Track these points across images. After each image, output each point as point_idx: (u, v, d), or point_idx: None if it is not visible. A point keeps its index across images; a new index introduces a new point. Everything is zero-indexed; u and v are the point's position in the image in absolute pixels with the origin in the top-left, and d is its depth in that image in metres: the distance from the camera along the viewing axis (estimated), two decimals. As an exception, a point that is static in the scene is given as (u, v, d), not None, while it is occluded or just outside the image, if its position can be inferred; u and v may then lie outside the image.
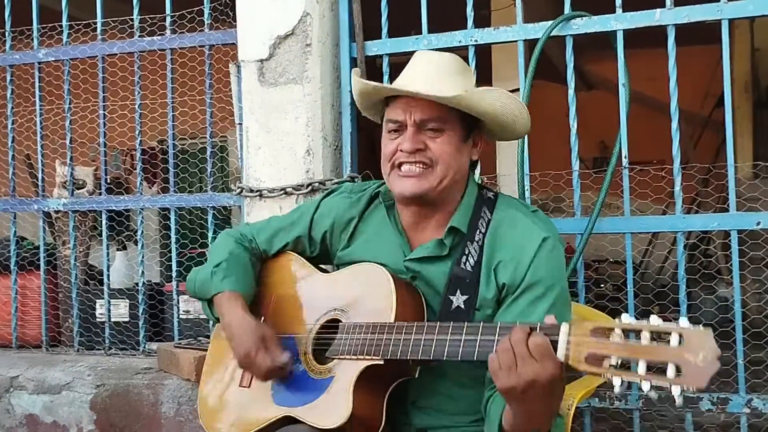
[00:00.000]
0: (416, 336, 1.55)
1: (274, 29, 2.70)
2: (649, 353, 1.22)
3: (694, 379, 1.17)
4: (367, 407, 1.60)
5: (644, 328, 1.24)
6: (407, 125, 1.68)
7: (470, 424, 1.70)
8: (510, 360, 1.35)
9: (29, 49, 3.30)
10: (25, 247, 3.42)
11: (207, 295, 1.85)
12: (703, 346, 1.18)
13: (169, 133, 3.09)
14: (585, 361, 1.28)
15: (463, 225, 1.71)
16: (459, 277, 1.67)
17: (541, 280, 1.62)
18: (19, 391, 2.94)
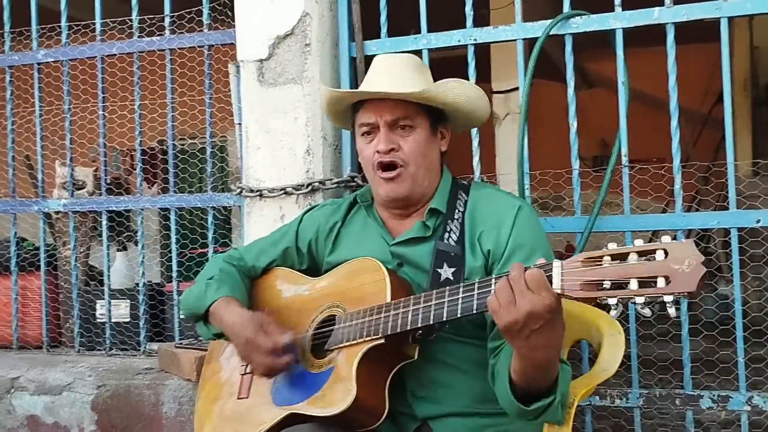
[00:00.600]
0: (414, 306, 1.59)
1: (273, 29, 2.70)
2: (639, 271, 1.29)
3: (683, 285, 1.25)
4: (370, 391, 1.60)
5: (631, 251, 1.32)
6: (379, 126, 1.79)
7: (470, 410, 1.72)
8: (508, 295, 1.40)
9: (28, 49, 3.30)
10: (25, 248, 3.41)
11: (202, 308, 1.87)
12: (687, 255, 1.26)
13: (169, 134, 3.09)
14: (580, 288, 1.34)
15: (442, 206, 1.82)
16: (443, 252, 1.74)
17: (523, 243, 1.71)
18: (20, 391, 2.94)
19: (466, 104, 1.85)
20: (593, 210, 2.38)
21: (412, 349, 1.65)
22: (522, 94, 2.47)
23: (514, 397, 1.52)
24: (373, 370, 1.62)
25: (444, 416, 1.72)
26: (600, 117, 4.75)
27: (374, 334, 1.61)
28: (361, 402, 1.57)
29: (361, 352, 1.60)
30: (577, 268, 1.35)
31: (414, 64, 1.87)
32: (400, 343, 1.63)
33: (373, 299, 1.66)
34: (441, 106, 1.83)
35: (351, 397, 1.56)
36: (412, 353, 1.65)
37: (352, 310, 1.70)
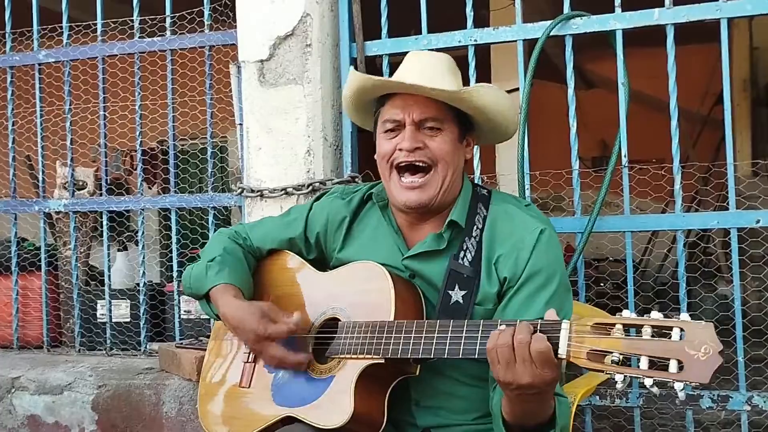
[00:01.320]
0: (416, 334, 1.55)
1: (274, 30, 2.70)
2: (651, 349, 1.22)
3: (696, 374, 1.17)
4: (368, 406, 1.60)
5: (645, 323, 1.24)
6: (405, 124, 1.68)
7: (473, 422, 1.71)
8: (509, 356, 1.36)
9: (29, 50, 3.30)
10: (26, 248, 3.42)
11: (202, 290, 1.84)
12: (704, 340, 1.18)
13: (170, 134, 3.10)
14: (586, 357, 1.28)
15: (462, 219, 1.72)
16: (457, 272, 1.67)
17: (541, 270, 1.63)
18: (21, 391, 2.94)
19: (498, 114, 1.74)
20: (593, 210, 2.38)
21: (414, 367, 1.65)
22: (522, 94, 2.47)
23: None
24: (372, 384, 1.62)
25: (446, 426, 1.71)
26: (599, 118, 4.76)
27: (375, 354, 1.59)
28: (358, 416, 1.58)
29: (361, 369, 1.61)
30: (586, 333, 1.29)
31: (449, 64, 1.77)
32: (401, 362, 1.63)
33: (377, 311, 1.64)
34: (472, 112, 1.72)
35: (348, 414, 1.57)
36: (414, 370, 1.65)
37: (356, 317, 1.69)
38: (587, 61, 6.51)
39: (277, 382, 1.77)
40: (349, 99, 1.84)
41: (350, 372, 1.62)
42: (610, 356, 1.25)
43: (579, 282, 2.47)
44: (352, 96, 1.82)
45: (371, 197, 1.87)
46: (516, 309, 1.62)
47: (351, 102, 1.85)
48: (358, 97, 1.81)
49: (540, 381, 1.34)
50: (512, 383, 1.36)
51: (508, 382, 1.37)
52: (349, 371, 1.62)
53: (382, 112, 1.74)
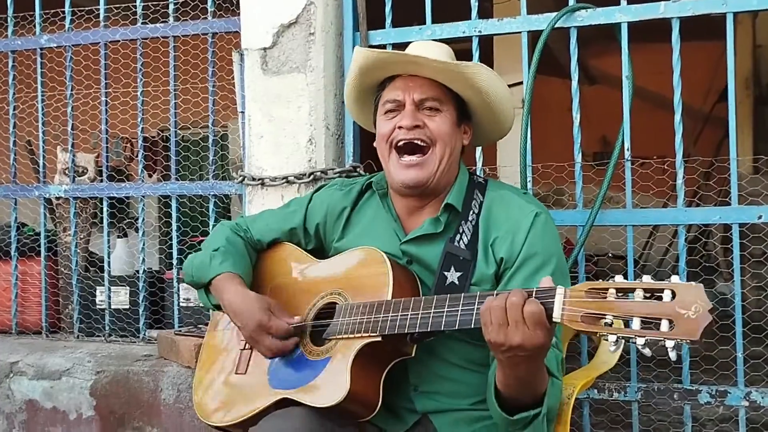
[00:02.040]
0: (413, 310, 1.57)
1: (277, 18, 2.70)
2: (643, 310, 1.25)
3: (687, 332, 1.20)
4: (364, 385, 1.60)
5: (637, 287, 1.27)
6: (405, 104, 1.73)
7: (472, 407, 1.72)
8: (501, 318, 1.38)
9: (31, 34, 3.29)
10: (25, 233, 3.42)
11: (205, 279, 1.85)
12: (695, 300, 1.22)
13: (171, 121, 3.09)
14: (581, 320, 1.31)
15: (458, 203, 1.76)
16: (452, 255, 1.70)
17: (537, 252, 1.66)
18: (19, 376, 2.95)
19: (496, 100, 1.78)
20: (595, 203, 2.38)
21: (410, 347, 1.65)
22: (526, 86, 2.47)
23: (498, 406, 1.52)
24: (368, 364, 1.62)
25: (445, 411, 1.72)
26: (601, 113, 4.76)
27: (372, 332, 1.60)
28: (354, 396, 1.58)
29: (358, 348, 1.61)
30: (581, 298, 1.32)
31: (450, 52, 1.82)
32: (398, 341, 1.64)
33: (374, 293, 1.66)
34: (471, 93, 1.76)
35: (344, 392, 1.57)
36: (410, 351, 1.65)
37: (354, 299, 1.70)
38: (590, 57, 6.50)
39: (274, 367, 1.77)
40: (352, 83, 1.87)
41: (347, 351, 1.62)
42: (604, 319, 1.28)
43: (579, 276, 2.46)
44: (356, 77, 1.84)
45: (370, 186, 1.90)
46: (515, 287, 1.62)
47: (354, 87, 1.87)
48: (361, 78, 1.83)
49: (531, 343, 1.36)
50: (503, 344, 1.38)
51: (500, 343, 1.38)
52: (346, 350, 1.63)
53: (383, 95, 1.79)
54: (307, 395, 1.63)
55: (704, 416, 3.00)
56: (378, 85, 1.82)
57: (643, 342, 1.24)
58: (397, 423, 1.74)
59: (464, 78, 1.73)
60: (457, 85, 1.75)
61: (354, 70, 1.83)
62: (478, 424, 1.71)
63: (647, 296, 1.26)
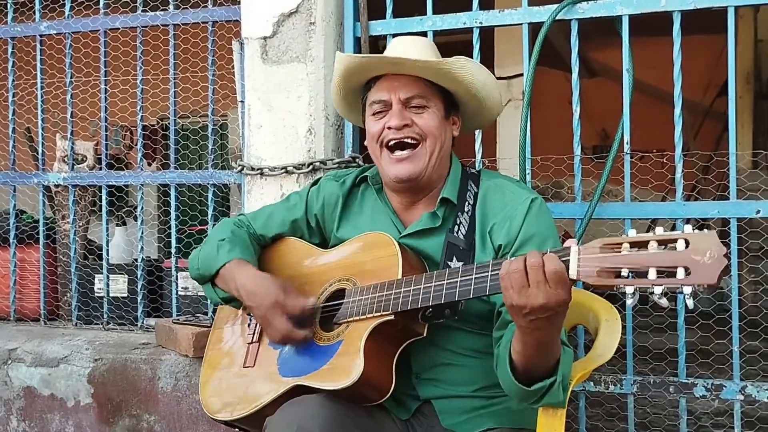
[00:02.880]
0: (426, 284, 1.58)
1: (278, 7, 2.69)
2: (658, 260, 1.25)
3: (703, 277, 1.21)
4: (377, 366, 1.59)
5: (651, 239, 1.28)
6: (392, 103, 1.76)
7: (473, 393, 1.73)
8: (522, 280, 1.38)
9: (31, 21, 3.28)
10: (24, 221, 3.41)
11: (212, 269, 1.84)
12: (709, 246, 1.22)
13: (171, 110, 3.08)
14: (597, 275, 1.31)
15: (453, 196, 1.78)
16: (453, 245, 1.72)
17: (533, 235, 1.69)
18: (17, 363, 2.95)
19: (481, 88, 1.80)
20: (594, 196, 2.38)
21: (422, 326, 1.65)
22: (526, 78, 2.47)
23: (515, 379, 1.53)
24: (381, 345, 1.62)
25: (446, 398, 1.74)
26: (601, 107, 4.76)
27: (384, 310, 1.60)
28: (368, 377, 1.56)
29: (371, 327, 1.60)
30: (595, 253, 1.32)
31: (432, 46, 1.85)
32: (410, 320, 1.63)
33: (384, 274, 1.66)
34: (455, 87, 1.79)
35: (358, 372, 1.55)
36: (422, 330, 1.65)
37: (363, 284, 1.70)
38: (590, 50, 6.49)
39: (283, 357, 1.76)
40: (337, 86, 1.90)
41: (360, 332, 1.62)
42: (619, 272, 1.29)
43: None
44: (340, 81, 1.87)
45: (365, 180, 1.92)
46: None
47: (340, 89, 1.91)
48: (346, 80, 1.87)
49: (554, 301, 1.36)
50: (525, 306, 1.38)
51: (522, 305, 1.39)
52: (358, 332, 1.62)
53: (369, 96, 1.82)
54: (321, 379, 1.62)
55: (700, 409, 3.02)
56: (364, 85, 1.85)
57: (661, 291, 1.24)
58: (400, 409, 1.75)
59: (448, 73, 1.76)
60: (442, 80, 1.78)
61: (337, 75, 1.87)
62: (480, 410, 1.73)
63: (661, 247, 1.26)
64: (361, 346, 1.58)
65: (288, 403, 1.61)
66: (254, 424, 1.77)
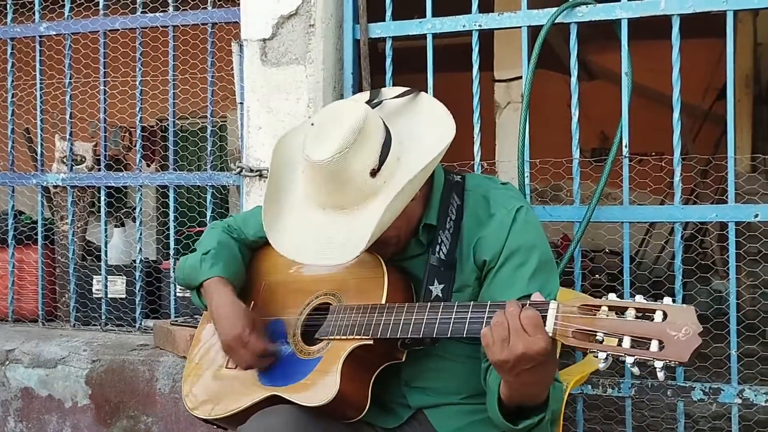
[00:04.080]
0: (407, 316, 1.57)
1: (277, 9, 2.69)
2: (634, 329, 1.26)
3: (676, 353, 1.21)
4: (354, 387, 1.60)
5: (629, 306, 1.28)
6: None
7: (464, 401, 1.72)
8: (503, 333, 1.37)
9: (31, 22, 3.28)
10: (23, 222, 3.41)
11: (195, 282, 1.86)
12: (686, 322, 1.22)
13: (170, 111, 3.08)
14: (572, 336, 1.32)
15: (434, 219, 1.71)
16: (434, 267, 1.68)
17: (519, 247, 1.64)
18: (15, 364, 2.95)
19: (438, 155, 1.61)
20: (592, 199, 2.38)
21: (401, 353, 1.66)
22: (525, 81, 2.47)
23: (501, 415, 1.52)
24: (359, 366, 1.62)
25: (437, 406, 1.73)
26: (600, 109, 4.76)
27: (364, 334, 1.60)
28: (343, 396, 1.57)
29: (349, 349, 1.60)
30: (573, 313, 1.32)
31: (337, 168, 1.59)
32: (389, 346, 1.64)
33: (369, 296, 1.65)
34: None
35: (333, 393, 1.57)
36: (400, 356, 1.66)
37: (347, 301, 1.70)
38: (589, 53, 6.49)
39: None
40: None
41: (338, 352, 1.62)
42: (595, 336, 1.29)
43: (575, 272, 2.47)
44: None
45: None
46: (500, 287, 1.63)
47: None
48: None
49: (533, 350, 1.35)
50: (508, 360, 1.37)
51: (505, 360, 1.37)
52: (338, 351, 1.63)
53: None
54: (297, 394, 1.63)
55: (697, 413, 3.02)
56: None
57: (632, 361, 1.24)
58: (391, 418, 1.74)
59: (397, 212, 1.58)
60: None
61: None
62: (472, 417, 1.71)
63: (639, 315, 1.27)
64: (338, 366, 1.59)
65: (261, 413, 1.62)
66: (231, 425, 1.80)
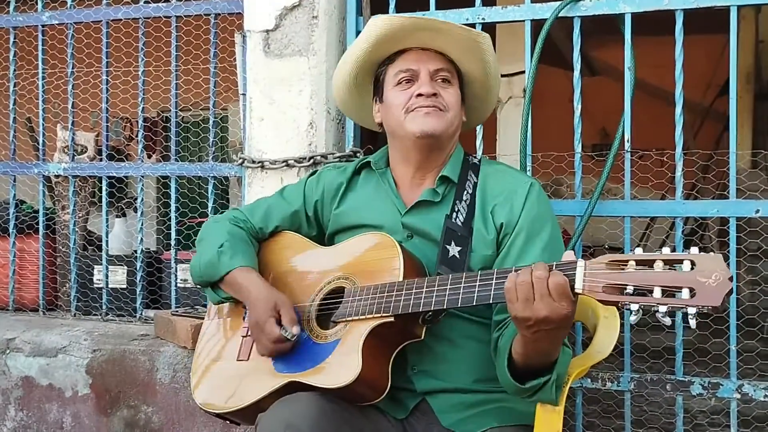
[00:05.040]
0: (428, 288, 1.58)
1: (281, 0, 2.69)
2: (663, 280, 1.27)
3: (708, 299, 1.22)
4: (374, 367, 1.59)
5: (657, 258, 1.29)
6: (420, 74, 1.79)
7: (471, 386, 1.73)
8: (528, 292, 1.40)
9: (33, 11, 3.27)
10: (24, 211, 3.41)
11: (215, 276, 1.84)
12: (714, 268, 1.24)
13: (172, 101, 3.08)
14: (602, 290, 1.33)
15: (454, 176, 1.81)
16: (451, 230, 1.74)
17: (535, 217, 1.73)
18: (16, 353, 2.95)
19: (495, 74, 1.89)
20: (594, 193, 2.38)
21: (420, 329, 1.65)
22: (528, 76, 2.47)
23: (511, 375, 1.54)
24: (378, 346, 1.62)
25: (442, 391, 1.73)
26: (602, 105, 4.75)
27: (384, 312, 1.60)
28: (364, 377, 1.56)
29: (370, 328, 1.60)
30: (601, 269, 1.34)
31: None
32: (409, 322, 1.63)
33: (385, 276, 1.66)
34: (474, 67, 1.85)
35: (356, 372, 1.55)
36: (420, 333, 1.65)
37: (363, 284, 1.69)
38: (592, 48, 6.48)
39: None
40: (359, 58, 1.88)
41: (358, 332, 1.61)
42: (625, 289, 1.30)
43: (576, 266, 2.47)
44: (368, 49, 1.85)
45: (367, 165, 1.93)
46: (516, 254, 1.70)
47: (356, 65, 1.89)
48: (372, 50, 1.85)
49: (557, 315, 1.38)
50: (530, 318, 1.40)
51: (526, 317, 1.41)
52: (357, 332, 1.62)
53: (392, 68, 1.84)
54: (317, 377, 1.62)
55: (696, 408, 3.03)
56: (380, 64, 1.88)
57: (665, 310, 1.26)
58: (397, 408, 1.74)
59: (478, 49, 1.82)
60: (469, 56, 1.83)
61: (367, 40, 1.85)
62: (476, 408, 1.72)
63: (667, 267, 1.28)
64: (359, 345, 1.58)
65: (279, 401, 1.61)
66: (246, 418, 1.78)
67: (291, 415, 1.54)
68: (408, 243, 1.79)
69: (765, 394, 2.31)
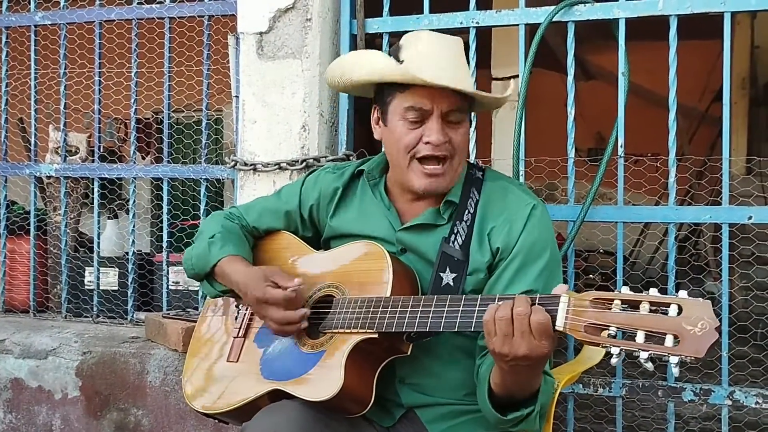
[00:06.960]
0: (413, 309, 1.56)
1: (274, 2, 2.68)
2: (648, 324, 1.23)
3: (692, 348, 1.18)
4: (358, 381, 1.59)
5: (643, 300, 1.25)
6: (432, 114, 1.66)
7: (457, 400, 1.72)
8: (507, 328, 1.36)
9: (26, 11, 3.26)
10: (15, 212, 3.40)
11: (206, 267, 1.82)
12: (701, 316, 1.19)
13: (165, 103, 3.07)
14: (584, 330, 1.29)
15: (457, 197, 1.75)
16: (448, 255, 1.69)
17: (533, 243, 1.66)
18: (5, 354, 2.94)
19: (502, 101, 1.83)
20: (587, 199, 2.38)
21: (406, 346, 1.64)
22: (522, 80, 2.46)
23: (492, 406, 1.52)
24: (363, 361, 1.61)
25: (430, 405, 1.72)
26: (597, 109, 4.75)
27: (369, 328, 1.58)
28: (347, 391, 1.56)
29: (354, 343, 1.59)
30: (585, 307, 1.29)
31: (460, 48, 1.74)
32: (395, 339, 1.62)
33: (373, 288, 1.64)
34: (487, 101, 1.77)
35: (337, 387, 1.55)
36: (406, 349, 1.64)
37: (351, 294, 1.68)
38: (586, 53, 6.49)
39: (267, 357, 1.75)
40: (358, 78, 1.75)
41: (342, 346, 1.61)
42: (607, 330, 1.26)
43: (569, 271, 2.47)
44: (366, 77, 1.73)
45: (362, 173, 1.88)
46: (507, 280, 1.65)
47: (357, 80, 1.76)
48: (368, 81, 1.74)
49: (536, 353, 1.35)
50: (508, 355, 1.37)
51: (504, 354, 1.37)
52: (342, 345, 1.61)
53: (402, 98, 1.68)
54: (300, 388, 1.61)
55: (688, 414, 3.03)
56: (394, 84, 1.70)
57: (647, 356, 1.21)
58: (384, 416, 1.73)
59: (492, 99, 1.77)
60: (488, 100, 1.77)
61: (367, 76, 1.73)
62: (464, 417, 1.71)
63: (653, 309, 1.23)
64: (342, 360, 1.57)
65: (264, 409, 1.61)
66: (233, 420, 1.79)
67: (275, 424, 1.54)
68: (400, 257, 1.76)
69: (756, 401, 2.30)
